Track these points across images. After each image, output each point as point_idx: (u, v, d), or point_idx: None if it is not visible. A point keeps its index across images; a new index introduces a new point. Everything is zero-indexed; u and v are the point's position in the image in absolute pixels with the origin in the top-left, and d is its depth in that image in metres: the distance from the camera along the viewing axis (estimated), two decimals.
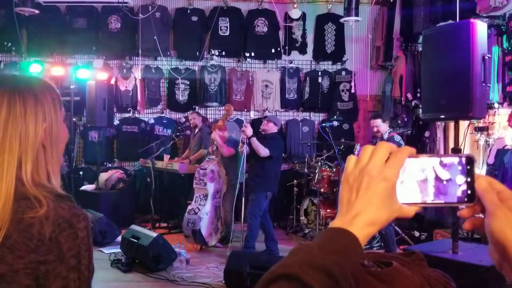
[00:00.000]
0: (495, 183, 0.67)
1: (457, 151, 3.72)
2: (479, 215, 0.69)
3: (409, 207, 0.69)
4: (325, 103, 8.36)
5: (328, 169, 6.52)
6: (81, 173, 7.93)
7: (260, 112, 8.30)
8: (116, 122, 8.20)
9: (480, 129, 6.06)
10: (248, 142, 5.61)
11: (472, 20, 3.72)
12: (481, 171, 5.69)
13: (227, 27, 8.23)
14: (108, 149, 8.20)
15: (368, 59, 8.51)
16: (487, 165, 5.79)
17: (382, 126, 5.35)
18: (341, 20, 7.29)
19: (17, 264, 0.99)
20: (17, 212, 1.02)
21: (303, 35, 8.38)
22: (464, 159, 0.68)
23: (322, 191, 6.43)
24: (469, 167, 0.68)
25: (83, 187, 7.35)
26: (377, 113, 5.92)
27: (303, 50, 8.41)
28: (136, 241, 5.13)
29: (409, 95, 7.30)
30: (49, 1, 7.81)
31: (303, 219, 6.87)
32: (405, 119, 7.70)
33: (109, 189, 7.18)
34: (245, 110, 8.38)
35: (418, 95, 7.05)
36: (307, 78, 8.41)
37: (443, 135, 7.21)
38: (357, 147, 5.99)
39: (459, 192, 0.67)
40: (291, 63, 8.37)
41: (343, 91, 8.36)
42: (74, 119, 7.63)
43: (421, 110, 5.88)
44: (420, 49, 7.30)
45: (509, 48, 5.54)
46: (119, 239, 5.71)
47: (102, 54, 8.23)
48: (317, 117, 8.50)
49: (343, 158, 6.13)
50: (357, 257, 0.65)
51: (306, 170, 7.01)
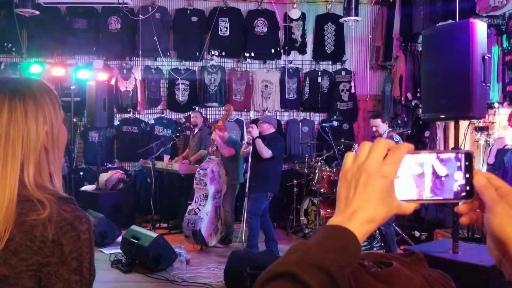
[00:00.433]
0: (494, 178, 0.67)
1: None
2: (477, 211, 0.68)
3: (408, 204, 0.68)
4: (325, 103, 8.36)
5: (328, 169, 6.52)
6: (81, 173, 7.94)
7: (260, 112, 8.30)
8: (116, 122, 8.21)
9: (480, 129, 6.06)
10: (252, 142, 5.64)
11: (471, 19, 3.71)
12: None
13: (226, 27, 8.23)
14: (108, 150, 8.21)
15: (367, 59, 8.51)
16: (487, 165, 5.79)
17: (381, 126, 5.36)
18: (341, 20, 7.29)
19: (20, 266, 0.99)
20: (20, 214, 1.02)
21: (303, 35, 8.38)
22: (462, 155, 0.68)
23: (322, 191, 6.43)
24: (467, 163, 0.67)
25: (84, 188, 7.35)
26: (377, 113, 5.91)
27: (302, 50, 8.41)
28: (136, 241, 5.13)
29: (409, 95, 7.30)
30: (49, 2, 7.81)
31: (303, 219, 6.87)
32: (405, 119, 7.70)
33: (109, 190, 7.18)
34: (245, 110, 8.38)
35: (418, 95, 7.04)
36: (307, 78, 8.41)
37: (443, 135, 7.21)
38: (355, 147, 6.00)
39: (458, 188, 0.67)
40: (291, 63, 8.37)
41: (343, 91, 8.36)
42: (74, 120, 7.62)
43: (421, 110, 5.89)
44: (420, 49, 7.30)
45: (509, 47, 5.53)
46: (119, 239, 5.70)
47: (102, 54, 8.23)
48: (317, 117, 8.50)
49: (343, 158, 6.10)
50: (356, 255, 0.64)
51: (306, 170, 7.00)
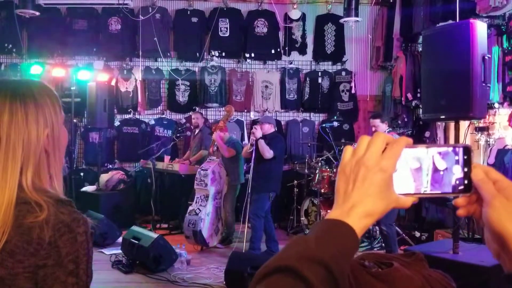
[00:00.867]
0: (492, 172, 0.67)
1: None
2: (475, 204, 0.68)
3: (406, 198, 0.68)
4: (325, 103, 8.37)
5: (328, 169, 6.52)
6: (81, 174, 7.93)
7: (260, 112, 8.30)
8: (116, 123, 8.22)
9: (480, 129, 6.07)
10: (255, 143, 5.64)
11: (472, 20, 3.72)
12: None
13: (227, 28, 8.24)
14: (108, 150, 8.21)
15: (368, 60, 8.51)
16: (488, 165, 5.79)
17: (380, 126, 5.36)
18: (341, 20, 7.30)
19: (16, 268, 0.99)
20: (18, 216, 1.02)
21: (303, 36, 8.39)
22: (461, 149, 0.68)
23: (322, 191, 6.43)
24: (466, 157, 0.67)
25: (84, 188, 7.35)
26: (377, 113, 5.91)
27: (303, 50, 8.42)
28: (136, 242, 5.13)
29: (409, 95, 7.30)
30: (49, 2, 7.82)
31: (303, 220, 6.87)
32: (405, 119, 7.70)
33: (109, 190, 7.18)
34: (245, 110, 8.39)
35: (418, 95, 7.04)
36: (307, 78, 8.41)
37: (444, 135, 7.21)
38: (355, 145, 5.99)
39: (456, 182, 0.67)
40: (291, 63, 8.37)
41: (343, 91, 8.36)
42: (74, 121, 7.63)
43: (421, 110, 5.88)
44: (420, 49, 7.30)
45: (509, 48, 5.54)
46: (120, 240, 5.71)
47: (102, 55, 8.24)
48: (317, 118, 8.51)
49: None
50: (354, 250, 0.64)
51: (306, 170, 7.00)
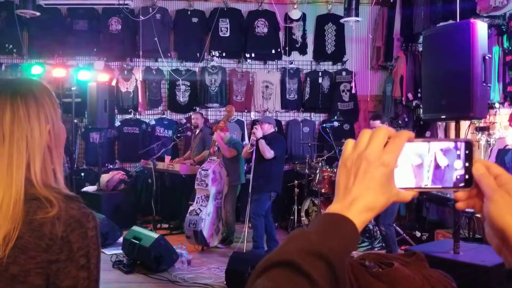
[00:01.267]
0: (493, 167, 0.67)
1: None
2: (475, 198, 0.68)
3: (406, 192, 0.68)
4: (326, 103, 8.37)
5: (329, 169, 6.52)
6: (82, 174, 7.94)
7: (260, 113, 8.30)
8: (117, 123, 8.22)
9: (481, 129, 6.06)
10: (255, 143, 5.65)
11: (472, 20, 3.72)
12: None
13: (227, 28, 8.24)
14: (109, 151, 8.22)
15: (368, 60, 8.51)
16: None
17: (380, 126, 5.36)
18: (341, 20, 7.30)
19: (28, 264, 1.01)
20: (28, 213, 1.03)
21: (303, 36, 8.39)
22: (462, 144, 0.68)
23: (323, 191, 6.42)
24: (467, 152, 0.67)
25: (85, 189, 7.35)
26: (377, 114, 5.90)
27: (303, 50, 8.42)
28: (137, 242, 5.13)
29: (410, 95, 7.30)
30: (50, 3, 7.82)
31: (304, 220, 6.86)
32: (406, 119, 7.70)
33: (110, 190, 7.18)
34: (246, 111, 8.39)
35: (418, 95, 7.04)
36: (308, 78, 8.41)
37: (444, 135, 7.21)
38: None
39: (457, 176, 0.67)
40: (292, 63, 8.38)
41: (343, 91, 8.36)
42: (75, 121, 7.63)
43: (422, 110, 5.88)
44: (420, 49, 7.30)
45: (510, 48, 5.54)
46: (121, 240, 5.71)
47: (103, 55, 8.24)
48: (317, 118, 8.51)
49: None
50: (355, 243, 0.64)
51: (307, 170, 7.00)
